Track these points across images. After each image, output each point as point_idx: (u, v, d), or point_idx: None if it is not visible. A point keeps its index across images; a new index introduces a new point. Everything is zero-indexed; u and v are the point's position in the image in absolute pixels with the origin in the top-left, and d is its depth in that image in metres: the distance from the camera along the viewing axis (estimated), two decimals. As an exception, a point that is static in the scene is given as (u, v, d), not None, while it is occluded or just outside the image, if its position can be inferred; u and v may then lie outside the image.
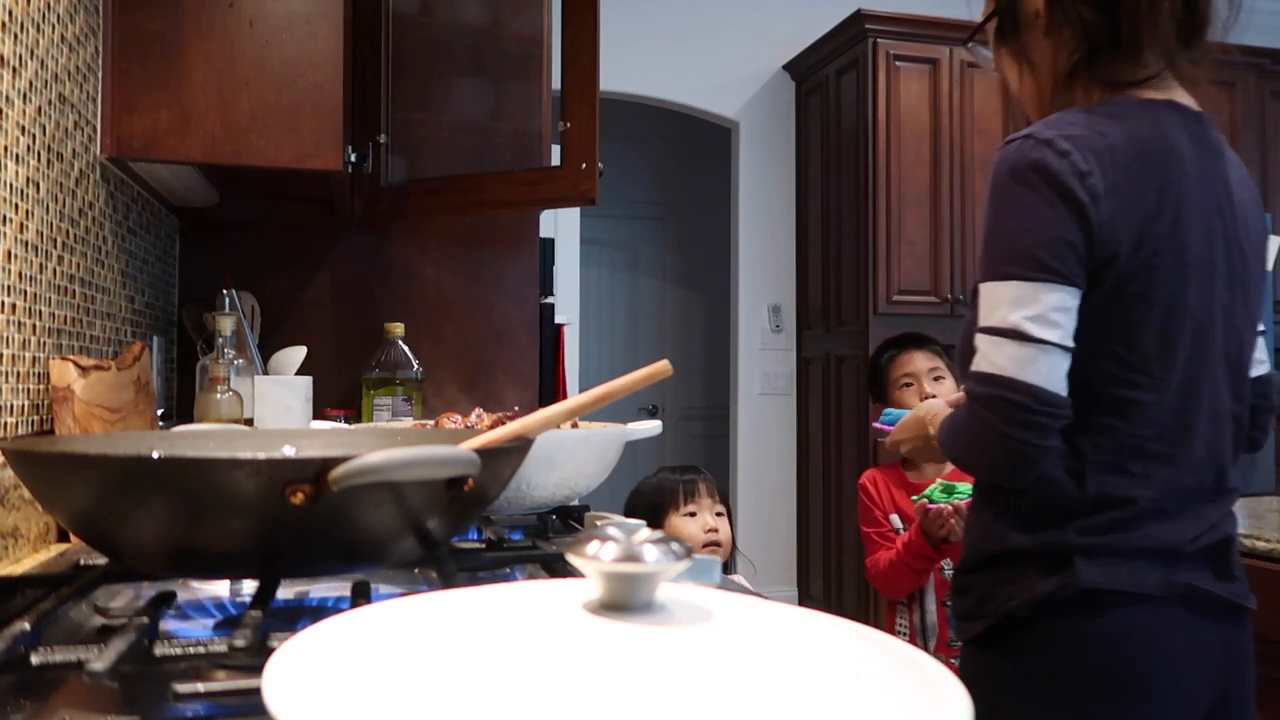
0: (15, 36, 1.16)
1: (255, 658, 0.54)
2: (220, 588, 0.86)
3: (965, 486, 1.87)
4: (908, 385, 2.20)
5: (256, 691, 0.33)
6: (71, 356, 1.27)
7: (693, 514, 1.93)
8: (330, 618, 0.41)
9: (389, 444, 0.68)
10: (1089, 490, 1.03)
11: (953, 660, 2.10)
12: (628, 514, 1.96)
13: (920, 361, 2.21)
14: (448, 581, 0.74)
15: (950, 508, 1.88)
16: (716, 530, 1.92)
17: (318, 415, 1.86)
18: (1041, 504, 1.05)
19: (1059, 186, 1.00)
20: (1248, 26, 1.09)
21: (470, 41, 2.33)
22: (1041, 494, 1.05)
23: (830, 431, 4.38)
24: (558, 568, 0.86)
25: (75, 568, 0.82)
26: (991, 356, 1.01)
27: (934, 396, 2.25)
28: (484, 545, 0.95)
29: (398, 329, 2.04)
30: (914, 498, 2.00)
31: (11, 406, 1.14)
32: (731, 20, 4.64)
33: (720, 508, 1.97)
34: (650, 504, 1.97)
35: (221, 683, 0.52)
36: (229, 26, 1.59)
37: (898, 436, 1.37)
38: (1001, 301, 1.01)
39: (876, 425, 1.51)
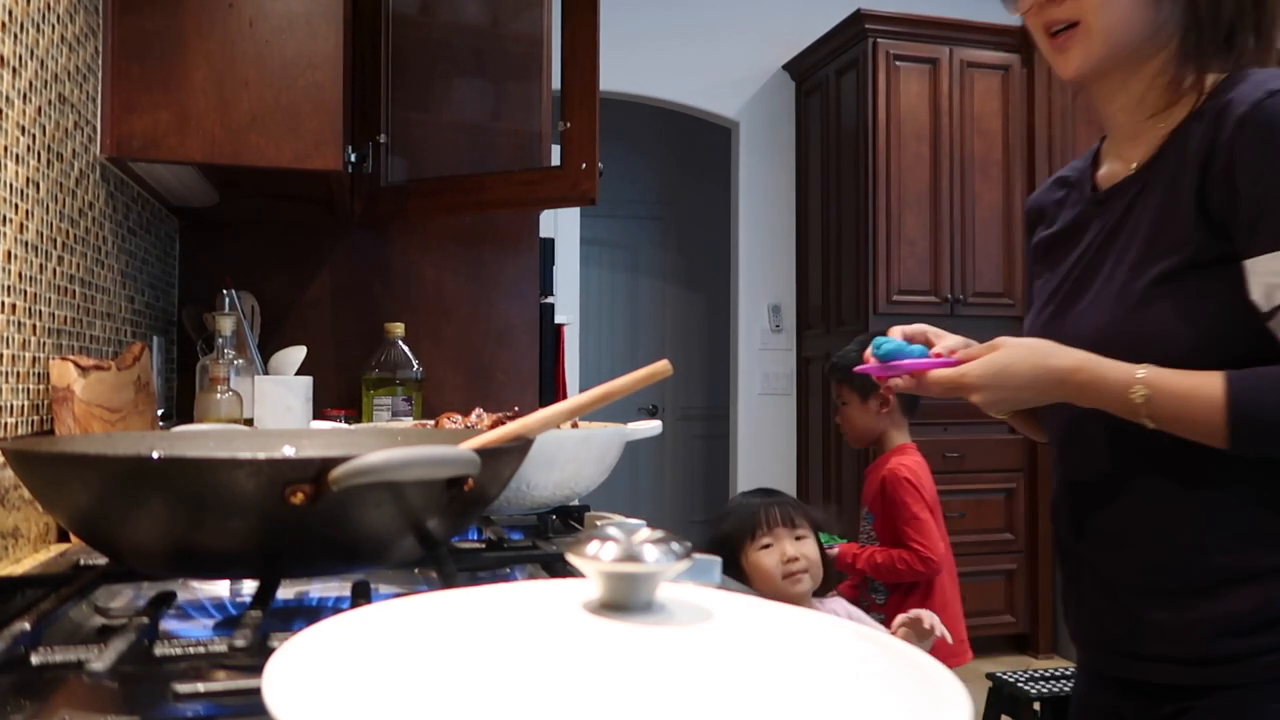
0: (15, 36, 1.16)
1: (255, 658, 0.54)
2: (220, 588, 0.86)
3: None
4: (838, 408, 2.50)
5: (256, 691, 0.33)
6: (71, 356, 1.27)
7: (767, 545, 1.83)
8: (330, 618, 0.41)
9: (389, 444, 0.68)
10: None
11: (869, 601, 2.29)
12: (716, 545, 1.87)
13: (835, 391, 2.47)
14: (448, 581, 0.74)
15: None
16: (797, 559, 1.81)
17: (318, 415, 1.86)
18: None
19: None
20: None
21: (470, 41, 2.33)
22: None
23: (830, 431, 4.37)
24: (558, 568, 0.86)
25: (75, 568, 0.82)
26: None
27: (840, 422, 2.48)
28: (484, 545, 0.95)
29: (398, 329, 2.04)
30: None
31: (11, 406, 1.14)
32: (731, 20, 4.64)
33: (801, 530, 1.85)
34: (726, 539, 1.87)
35: (221, 683, 0.52)
36: (229, 26, 1.59)
37: (973, 381, 0.96)
38: None
39: (880, 366, 1.05)
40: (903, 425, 2.45)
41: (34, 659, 0.56)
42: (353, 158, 1.83)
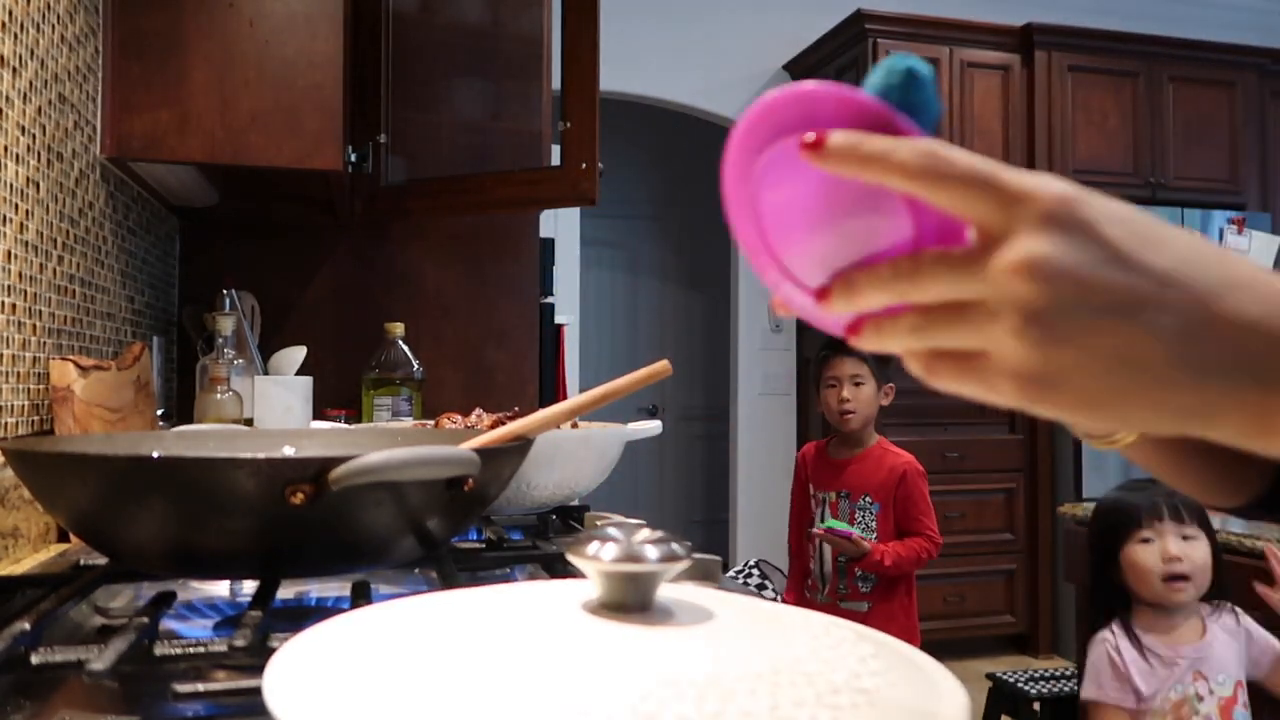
0: (15, 36, 1.16)
1: (255, 658, 0.54)
2: (220, 588, 0.86)
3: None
4: (831, 386, 2.47)
5: (256, 691, 0.33)
6: (71, 356, 1.27)
7: (1148, 540, 1.67)
8: (330, 618, 0.41)
9: (389, 444, 0.68)
10: None
11: (840, 605, 2.27)
12: (1093, 539, 1.75)
13: (846, 366, 2.43)
14: (448, 581, 0.74)
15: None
16: (1180, 560, 1.63)
17: (318, 415, 1.86)
18: None
19: None
20: (1248, 26, 1.08)
21: (470, 41, 2.33)
22: None
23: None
24: (558, 568, 0.86)
25: (75, 568, 0.82)
26: None
27: (848, 400, 2.44)
28: (484, 545, 0.95)
29: (398, 329, 2.04)
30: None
31: (11, 406, 1.14)
32: (731, 20, 4.64)
33: (1190, 530, 1.67)
34: (1106, 527, 1.74)
35: (221, 683, 0.52)
36: (229, 26, 1.59)
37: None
38: None
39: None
40: None
41: (34, 659, 0.56)
42: (353, 158, 1.82)
